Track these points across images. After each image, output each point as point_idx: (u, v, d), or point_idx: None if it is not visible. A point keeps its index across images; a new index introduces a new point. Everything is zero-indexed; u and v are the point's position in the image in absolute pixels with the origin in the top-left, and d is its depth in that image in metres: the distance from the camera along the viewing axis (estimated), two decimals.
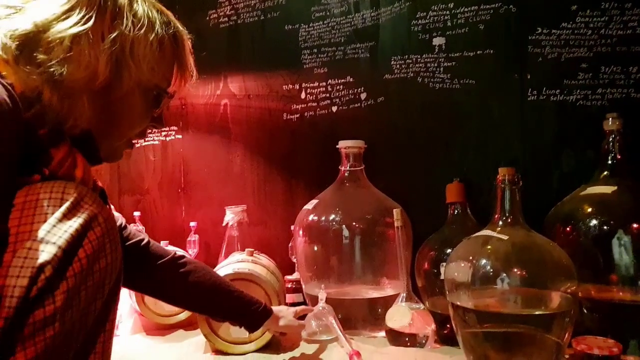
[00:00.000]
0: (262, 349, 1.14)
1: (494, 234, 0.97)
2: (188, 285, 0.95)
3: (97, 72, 0.60)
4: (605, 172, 1.06)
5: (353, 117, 1.52)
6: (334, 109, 1.54)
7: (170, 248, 1.41)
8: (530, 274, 0.91)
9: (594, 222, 1.02)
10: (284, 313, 1.07)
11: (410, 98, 1.44)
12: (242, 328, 1.02)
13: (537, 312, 0.90)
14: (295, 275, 1.47)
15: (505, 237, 0.96)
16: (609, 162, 1.06)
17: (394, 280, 1.27)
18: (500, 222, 0.98)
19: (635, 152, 1.06)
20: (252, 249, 1.30)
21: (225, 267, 1.19)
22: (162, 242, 1.46)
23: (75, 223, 0.52)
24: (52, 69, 0.57)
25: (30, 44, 0.57)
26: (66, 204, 0.52)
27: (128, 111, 0.68)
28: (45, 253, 0.48)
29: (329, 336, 1.19)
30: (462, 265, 0.98)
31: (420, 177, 1.43)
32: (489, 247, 0.96)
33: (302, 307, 1.16)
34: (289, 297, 1.44)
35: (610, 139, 1.07)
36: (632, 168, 1.04)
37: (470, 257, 0.97)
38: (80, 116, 0.60)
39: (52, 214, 0.51)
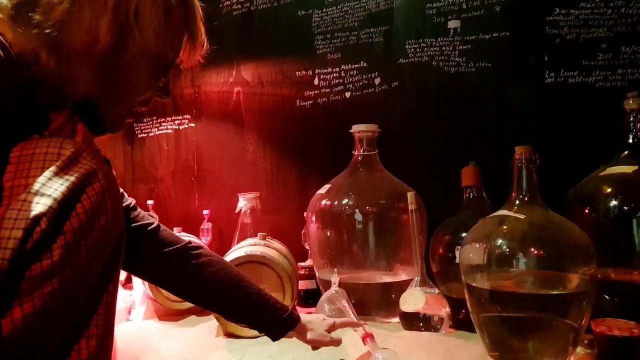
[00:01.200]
0: None
1: (511, 213, 0.95)
2: (200, 278, 0.86)
3: (98, 37, 0.57)
4: (626, 152, 1.03)
5: (367, 103, 1.50)
6: (347, 94, 1.53)
7: (187, 237, 1.40)
8: (548, 254, 0.89)
9: (613, 202, 0.99)
10: (315, 325, 0.93)
11: (424, 82, 1.42)
12: (263, 334, 0.93)
13: (554, 292, 0.88)
14: (308, 262, 1.46)
15: (522, 216, 0.93)
16: (630, 141, 1.03)
17: (408, 267, 1.25)
18: (517, 202, 0.95)
19: None
20: (265, 233, 1.30)
21: (237, 250, 1.19)
22: (174, 229, 1.47)
23: (72, 177, 0.50)
24: (48, 31, 0.55)
25: (28, 2, 0.55)
26: (63, 158, 0.50)
27: (132, 79, 0.65)
28: (40, 205, 0.47)
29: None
30: (477, 246, 0.96)
31: (435, 162, 1.41)
32: (505, 226, 0.94)
33: (343, 320, 1.01)
34: (302, 284, 1.43)
35: (631, 119, 1.04)
36: None
37: (486, 238, 0.95)
38: (79, 81, 0.59)
39: (49, 168, 0.49)
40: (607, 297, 1.00)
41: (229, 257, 1.16)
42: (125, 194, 0.89)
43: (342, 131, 1.39)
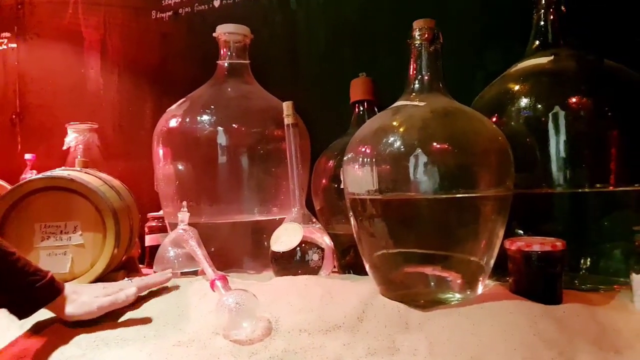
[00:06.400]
0: None
1: (407, 102, 0.72)
2: None
3: None
4: (537, 42, 0.85)
5: (241, 13, 1.21)
6: (217, 3, 1.23)
7: None
8: (457, 148, 0.67)
9: (524, 100, 0.80)
10: (83, 291, 0.67)
11: None
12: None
13: (460, 195, 0.66)
14: (161, 212, 1.13)
15: (421, 104, 0.71)
16: (542, 23, 0.84)
17: (289, 208, 0.97)
18: (417, 86, 0.73)
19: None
20: (87, 160, 0.95)
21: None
22: None
23: None
24: None
25: None
26: None
27: None
28: None
29: (192, 268, 0.87)
30: (363, 150, 0.71)
31: (320, 80, 1.16)
32: (398, 118, 0.70)
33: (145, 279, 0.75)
34: (153, 239, 1.11)
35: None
36: (572, 33, 0.84)
37: (374, 137, 0.70)
38: None
39: None
40: (520, 231, 0.81)
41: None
42: None
43: (211, 51, 1.08)
